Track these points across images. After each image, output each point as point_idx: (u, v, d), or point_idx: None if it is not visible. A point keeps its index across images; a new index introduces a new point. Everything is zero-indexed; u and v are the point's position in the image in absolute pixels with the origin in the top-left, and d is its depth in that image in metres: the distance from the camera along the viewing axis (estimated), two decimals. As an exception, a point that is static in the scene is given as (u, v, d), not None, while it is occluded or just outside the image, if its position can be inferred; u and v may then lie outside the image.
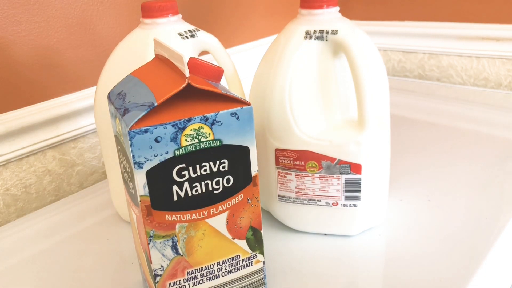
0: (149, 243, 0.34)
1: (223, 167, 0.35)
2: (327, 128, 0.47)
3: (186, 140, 0.33)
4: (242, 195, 0.36)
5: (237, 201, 0.36)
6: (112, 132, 0.48)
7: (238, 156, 0.35)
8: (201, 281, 0.37)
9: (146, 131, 0.31)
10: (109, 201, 0.61)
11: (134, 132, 0.31)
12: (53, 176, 0.66)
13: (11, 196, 0.62)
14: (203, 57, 0.61)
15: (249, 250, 0.38)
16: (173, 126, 0.32)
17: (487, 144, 0.67)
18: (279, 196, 0.50)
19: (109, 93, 0.38)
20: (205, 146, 0.33)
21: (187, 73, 0.33)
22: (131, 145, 0.31)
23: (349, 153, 0.45)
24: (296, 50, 0.46)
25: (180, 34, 0.48)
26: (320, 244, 0.49)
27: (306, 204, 0.49)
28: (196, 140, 0.33)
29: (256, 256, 0.39)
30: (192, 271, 0.36)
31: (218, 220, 0.36)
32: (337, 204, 0.48)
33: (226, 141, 0.34)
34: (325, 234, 0.50)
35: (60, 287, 0.45)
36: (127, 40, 0.50)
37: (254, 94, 0.49)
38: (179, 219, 0.34)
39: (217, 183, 0.35)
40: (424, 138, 0.71)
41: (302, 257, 0.47)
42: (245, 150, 0.35)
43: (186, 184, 0.34)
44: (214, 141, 0.34)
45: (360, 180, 0.46)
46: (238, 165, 0.35)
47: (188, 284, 0.37)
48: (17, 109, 0.61)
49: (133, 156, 0.32)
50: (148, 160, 0.32)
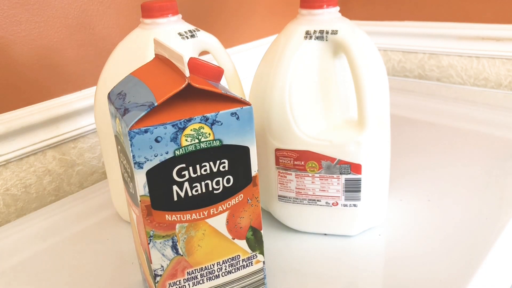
0: (149, 243, 0.34)
1: (223, 167, 0.35)
2: (327, 128, 0.47)
3: (186, 140, 0.33)
4: (242, 195, 0.36)
5: (237, 201, 0.36)
6: (112, 132, 0.48)
7: (238, 156, 0.35)
8: (201, 281, 0.37)
9: (146, 131, 0.31)
10: (109, 201, 0.61)
11: (134, 132, 0.31)
12: (53, 176, 0.66)
13: (11, 196, 0.62)
14: (203, 57, 0.61)
15: (249, 250, 0.38)
16: (173, 126, 0.32)
17: (487, 144, 0.67)
18: (279, 196, 0.50)
19: (109, 93, 0.38)
20: (205, 146, 0.33)
21: (187, 73, 0.33)
22: (131, 145, 0.31)
23: (349, 153, 0.45)
24: (296, 50, 0.46)
25: (180, 34, 0.48)
26: (320, 244, 0.49)
27: (306, 204, 0.49)
28: (196, 140, 0.33)
29: (256, 256, 0.39)
30: (192, 271, 0.36)
31: (218, 220, 0.36)
32: (337, 204, 0.48)
33: (226, 141, 0.34)
34: (325, 234, 0.50)
35: (60, 287, 0.45)
36: (127, 40, 0.50)
37: (254, 94, 0.49)
38: (179, 219, 0.34)
39: (217, 183, 0.35)
40: (424, 138, 0.71)
41: (302, 257, 0.47)
42: (245, 150, 0.35)
43: (186, 184, 0.34)
44: (214, 141, 0.34)
45: (360, 180, 0.46)
46: (238, 165, 0.35)
47: (188, 284, 0.37)
48: (17, 109, 0.61)
49: (133, 156, 0.32)
50: (148, 160, 0.32)
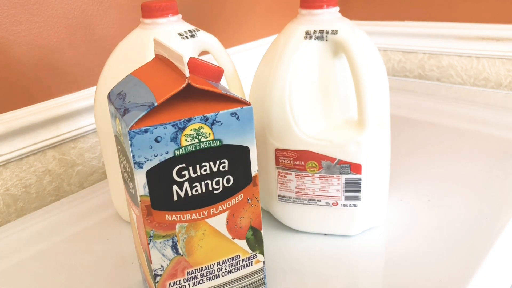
0: (149, 243, 0.34)
1: (223, 167, 0.35)
2: (327, 128, 0.47)
3: (186, 140, 0.33)
4: (242, 195, 0.36)
5: (237, 201, 0.36)
6: (112, 132, 0.48)
7: (238, 156, 0.35)
8: (201, 281, 0.37)
9: (146, 131, 0.31)
10: (109, 201, 0.61)
11: (134, 132, 0.31)
12: (53, 176, 0.66)
13: (11, 196, 0.62)
14: (203, 57, 0.61)
15: (249, 250, 0.38)
16: (173, 126, 0.32)
17: (487, 144, 0.67)
18: (279, 196, 0.50)
19: (109, 93, 0.38)
20: (205, 146, 0.33)
21: (187, 73, 0.33)
22: (131, 145, 0.31)
23: (349, 153, 0.45)
24: (296, 50, 0.46)
25: (180, 34, 0.48)
26: (320, 244, 0.49)
27: (306, 204, 0.49)
28: (196, 140, 0.33)
29: (256, 256, 0.39)
30: (192, 271, 0.36)
31: (218, 220, 0.36)
32: (337, 204, 0.48)
33: (226, 141, 0.34)
34: (325, 234, 0.50)
35: (60, 287, 0.45)
36: (127, 40, 0.50)
37: (254, 94, 0.49)
38: (179, 219, 0.34)
39: (217, 183, 0.35)
40: (424, 138, 0.71)
41: (302, 257, 0.47)
42: (245, 150, 0.35)
43: (186, 184, 0.34)
44: (214, 141, 0.34)
45: (360, 180, 0.46)
46: (238, 165, 0.35)
47: (188, 284, 0.37)
48: (17, 109, 0.61)
49: (133, 156, 0.32)
50: (148, 160, 0.32)
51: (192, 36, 0.49)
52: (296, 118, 0.46)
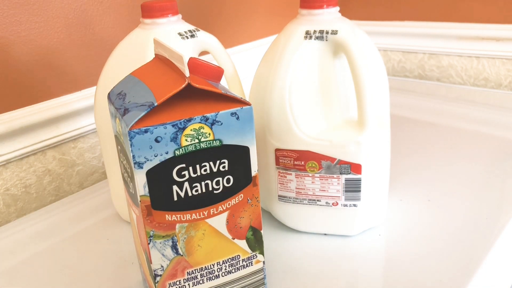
0: (149, 243, 0.34)
1: (223, 167, 0.35)
2: (327, 128, 0.47)
3: (186, 140, 0.33)
4: (242, 195, 0.36)
5: (237, 201, 0.36)
6: (112, 132, 0.48)
7: (238, 156, 0.35)
8: (201, 281, 0.37)
9: (146, 131, 0.31)
10: (109, 201, 0.61)
11: (134, 132, 0.31)
12: (53, 176, 0.66)
13: (11, 196, 0.62)
14: (203, 57, 0.61)
15: (249, 250, 0.38)
16: (173, 126, 0.32)
17: (487, 144, 0.67)
18: (279, 196, 0.50)
19: (109, 93, 0.38)
20: (205, 146, 0.33)
21: (187, 73, 0.33)
22: (131, 145, 0.31)
23: (349, 153, 0.45)
24: (296, 50, 0.46)
25: (180, 34, 0.48)
26: (320, 244, 0.49)
27: (306, 204, 0.49)
28: (196, 140, 0.33)
29: (256, 256, 0.39)
30: (192, 271, 0.36)
31: (218, 220, 0.36)
32: (337, 204, 0.48)
33: (226, 141, 0.34)
34: (325, 234, 0.50)
35: (60, 287, 0.45)
36: (127, 40, 0.50)
37: (254, 94, 0.49)
38: (179, 219, 0.34)
39: (217, 183, 0.35)
40: (424, 138, 0.71)
41: (302, 257, 0.47)
42: (245, 150, 0.35)
43: (186, 184, 0.34)
44: (214, 141, 0.34)
45: (360, 180, 0.46)
46: (238, 165, 0.35)
47: (188, 284, 0.37)
48: (17, 109, 0.61)
49: (133, 156, 0.32)
50: (148, 160, 0.32)
51: (192, 36, 0.49)
52: (296, 118, 0.46)
